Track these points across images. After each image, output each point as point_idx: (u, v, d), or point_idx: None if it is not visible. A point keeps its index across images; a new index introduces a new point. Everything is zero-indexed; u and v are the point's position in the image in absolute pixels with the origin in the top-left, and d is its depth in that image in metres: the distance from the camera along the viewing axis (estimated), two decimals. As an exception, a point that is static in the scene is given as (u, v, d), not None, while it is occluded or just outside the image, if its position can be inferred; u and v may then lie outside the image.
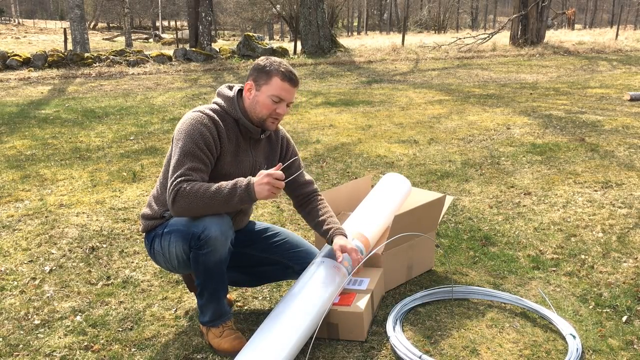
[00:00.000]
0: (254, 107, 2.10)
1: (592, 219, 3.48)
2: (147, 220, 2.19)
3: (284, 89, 2.08)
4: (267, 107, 2.08)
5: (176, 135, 2.06)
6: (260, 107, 2.09)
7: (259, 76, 2.09)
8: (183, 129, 2.04)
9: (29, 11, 62.41)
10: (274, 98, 2.07)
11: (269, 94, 2.07)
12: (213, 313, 2.13)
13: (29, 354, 2.17)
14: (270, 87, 2.07)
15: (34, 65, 12.52)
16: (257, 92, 2.09)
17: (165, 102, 8.38)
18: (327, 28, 16.21)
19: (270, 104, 2.08)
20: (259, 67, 2.10)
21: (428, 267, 2.80)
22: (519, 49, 16.32)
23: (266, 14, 37.19)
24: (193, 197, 1.92)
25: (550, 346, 2.16)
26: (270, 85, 2.07)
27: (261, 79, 2.09)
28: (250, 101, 2.11)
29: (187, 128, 2.03)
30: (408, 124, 6.48)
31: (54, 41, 27.01)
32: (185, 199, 1.93)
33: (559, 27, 32.80)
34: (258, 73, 2.10)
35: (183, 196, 1.93)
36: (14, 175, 4.61)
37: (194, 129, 2.02)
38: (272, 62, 2.10)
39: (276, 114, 2.10)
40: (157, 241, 2.13)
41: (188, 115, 2.07)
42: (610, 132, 5.81)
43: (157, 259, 2.19)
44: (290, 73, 2.09)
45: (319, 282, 2.13)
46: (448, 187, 4.16)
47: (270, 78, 2.07)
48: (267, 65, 2.09)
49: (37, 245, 3.19)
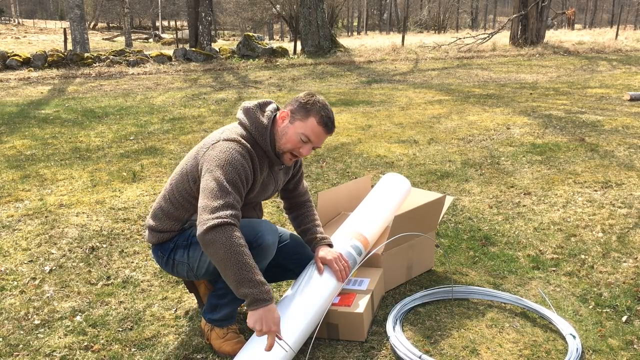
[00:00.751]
0: (281, 137, 2.04)
1: (592, 219, 3.48)
2: (160, 233, 2.12)
3: (316, 133, 2.02)
4: (293, 142, 2.02)
5: (214, 162, 1.92)
6: (286, 139, 2.02)
7: (297, 110, 2.03)
8: (223, 158, 1.92)
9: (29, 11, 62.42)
10: (302, 137, 2.01)
11: (300, 131, 2.01)
12: (225, 314, 2.12)
13: (29, 354, 2.17)
14: (304, 125, 2.01)
15: (33, 65, 12.52)
16: (290, 125, 2.03)
17: (165, 102, 8.38)
18: (327, 28, 16.22)
19: (297, 141, 2.01)
20: (301, 101, 2.03)
21: (428, 267, 2.80)
22: (519, 49, 16.32)
23: (266, 14, 37.20)
24: (225, 246, 1.78)
25: (550, 346, 2.16)
26: (305, 123, 2.01)
27: (299, 113, 2.02)
28: (280, 129, 2.04)
29: (228, 157, 1.92)
30: (408, 124, 6.48)
31: (54, 41, 27.01)
32: (218, 241, 1.79)
33: (559, 27, 32.80)
34: (298, 106, 2.03)
35: (218, 237, 1.79)
36: (14, 175, 4.61)
37: (236, 160, 1.92)
38: (316, 101, 2.03)
39: (298, 153, 2.04)
40: (181, 252, 2.08)
41: (226, 145, 1.95)
42: (610, 132, 5.81)
43: (175, 269, 2.13)
44: (329, 120, 2.02)
45: (319, 283, 2.13)
46: (448, 187, 4.16)
47: (307, 116, 2.01)
48: (309, 102, 2.02)
49: (37, 245, 3.19)
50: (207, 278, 2.22)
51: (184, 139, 5.84)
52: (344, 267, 2.18)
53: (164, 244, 2.13)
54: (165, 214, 2.11)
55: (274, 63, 13.68)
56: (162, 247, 2.14)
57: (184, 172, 2.07)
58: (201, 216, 1.84)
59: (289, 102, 2.08)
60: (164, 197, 2.14)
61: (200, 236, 1.82)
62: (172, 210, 2.10)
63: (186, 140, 5.80)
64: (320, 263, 2.17)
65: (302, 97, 2.05)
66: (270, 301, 1.81)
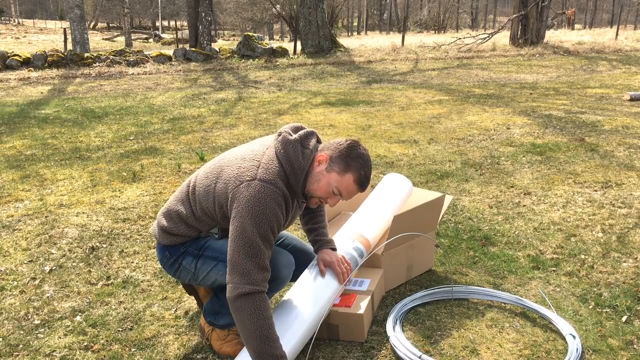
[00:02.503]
0: (313, 182, 1.95)
1: (592, 219, 3.48)
2: (172, 236, 2.07)
3: (349, 190, 1.95)
4: (324, 192, 1.95)
5: (246, 209, 1.83)
6: (318, 187, 1.95)
7: (337, 160, 1.94)
8: (258, 208, 1.83)
9: (29, 11, 62.41)
10: (335, 190, 1.94)
11: (334, 184, 1.93)
12: (229, 320, 2.08)
13: (29, 354, 2.17)
14: (340, 179, 1.93)
15: (33, 65, 12.52)
16: (325, 173, 1.94)
17: (165, 102, 8.38)
18: (327, 28, 16.21)
19: (328, 192, 1.95)
20: (343, 151, 1.94)
21: (428, 267, 2.80)
22: (519, 49, 16.31)
23: (266, 14, 37.21)
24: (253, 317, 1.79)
25: (550, 346, 2.16)
26: (341, 177, 1.93)
27: (338, 164, 1.93)
28: (314, 174, 1.96)
29: (263, 207, 1.83)
30: (408, 124, 6.48)
31: (54, 41, 27.00)
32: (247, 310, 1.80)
33: (559, 27, 32.79)
34: (339, 156, 1.94)
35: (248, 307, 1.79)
36: (14, 175, 4.61)
37: (270, 210, 1.84)
38: (359, 156, 1.94)
39: (325, 201, 1.99)
40: (190, 259, 2.06)
41: (261, 189, 1.84)
42: (610, 132, 5.81)
43: (178, 273, 2.12)
44: (365, 179, 1.95)
45: (319, 283, 2.13)
46: (448, 187, 4.16)
47: (346, 172, 1.93)
48: (352, 156, 1.94)
49: (37, 245, 3.19)
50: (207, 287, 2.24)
51: (184, 139, 5.84)
52: (346, 269, 2.18)
53: (175, 247, 2.08)
54: (183, 220, 2.05)
55: (274, 63, 13.68)
56: (171, 248, 2.09)
57: (210, 191, 1.97)
58: (232, 277, 1.82)
59: (331, 144, 1.99)
60: (183, 203, 2.06)
61: (231, 300, 1.82)
62: (192, 220, 2.04)
63: (186, 140, 5.80)
64: (322, 265, 2.17)
65: (345, 147, 1.95)
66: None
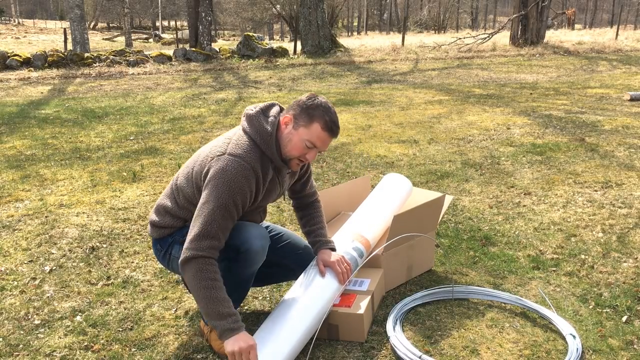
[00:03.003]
0: (286, 144, 1.99)
1: (592, 219, 3.48)
2: (161, 229, 2.15)
3: (321, 139, 1.97)
4: (299, 150, 1.98)
5: (213, 181, 1.90)
6: (292, 147, 1.98)
7: (300, 115, 1.97)
8: (224, 180, 1.89)
9: (29, 11, 62.41)
10: (307, 143, 1.96)
11: (304, 137, 1.96)
12: None
13: (29, 354, 2.17)
14: (308, 131, 1.96)
15: (34, 65, 12.52)
16: (294, 131, 1.98)
17: (165, 102, 8.38)
18: (327, 28, 16.21)
19: (303, 148, 1.97)
20: (303, 106, 1.98)
21: (428, 267, 2.80)
22: (519, 49, 16.31)
23: (266, 14, 37.21)
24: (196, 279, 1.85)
25: (550, 346, 2.16)
26: (309, 130, 1.96)
27: (302, 119, 1.97)
28: (284, 136, 2.00)
29: (228, 179, 1.89)
30: (408, 124, 6.48)
31: (54, 41, 27.00)
32: (190, 273, 1.87)
33: (559, 27, 32.78)
34: (300, 111, 1.97)
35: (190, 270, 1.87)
36: (14, 175, 4.61)
37: (236, 183, 1.90)
38: (320, 105, 1.97)
39: (304, 158, 2.01)
40: (177, 247, 2.10)
41: (229, 163, 1.91)
42: (610, 132, 5.81)
43: (171, 264, 2.17)
44: (333, 124, 1.97)
45: (320, 283, 2.13)
46: (448, 187, 4.16)
47: (311, 122, 1.96)
48: (312, 106, 1.97)
49: (37, 245, 3.19)
50: None
51: (184, 139, 5.84)
52: (346, 269, 2.18)
53: (164, 239, 2.16)
54: (168, 212, 2.14)
55: (274, 63, 13.68)
56: (161, 241, 2.17)
57: (190, 176, 2.05)
58: (186, 242, 1.90)
59: (291, 105, 2.03)
60: (168, 196, 2.16)
61: (180, 264, 1.90)
62: (176, 210, 2.12)
63: (186, 140, 5.80)
64: (322, 266, 2.17)
65: (304, 100, 1.99)
66: (239, 329, 1.83)
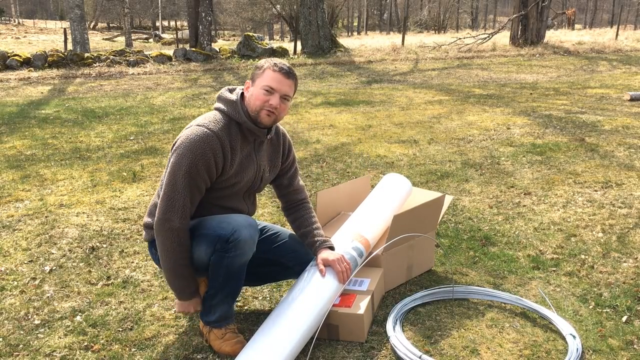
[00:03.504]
0: (250, 102, 2.12)
1: (592, 219, 3.48)
2: (152, 230, 2.15)
3: (275, 79, 2.09)
4: (260, 98, 2.09)
5: (177, 150, 2.02)
6: (254, 99, 2.10)
7: (255, 73, 2.15)
8: (186, 146, 2.00)
9: (29, 11, 62.41)
10: (265, 88, 2.08)
11: (261, 84, 2.09)
12: (221, 314, 2.13)
13: (29, 354, 2.17)
14: (262, 78, 2.10)
15: (34, 65, 12.52)
16: (252, 88, 2.13)
17: (165, 102, 8.38)
18: (327, 28, 16.21)
19: (263, 95, 2.08)
20: (256, 66, 2.16)
21: (428, 267, 2.80)
22: (519, 49, 16.31)
23: (266, 14, 37.21)
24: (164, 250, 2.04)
25: (550, 346, 2.16)
26: (262, 77, 2.10)
27: (256, 75, 2.13)
28: (247, 99, 2.14)
29: (190, 146, 2.00)
30: (408, 124, 6.48)
31: (54, 41, 27.00)
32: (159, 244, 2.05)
33: (559, 27, 32.79)
34: (255, 70, 2.15)
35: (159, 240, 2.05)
36: (14, 175, 4.61)
37: (198, 149, 2.00)
38: (268, 59, 2.17)
39: (269, 106, 2.09)
40: None
41: (193, 131, 2.03)
42: (610, 132, 5.81)
43: None
44: (282, 64, 2.12)
45: (320, 283, 2.13)
46: (448, 187, 4.16)
47: (263, 71, 2.11)
48: (263, 62, 2.15)
49: (37, 245, 3.19)
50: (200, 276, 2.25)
51: (184, 139, 5.83)
52: (346, 268, 2.18)
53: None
54: None
55: (274, 63, 13.66)
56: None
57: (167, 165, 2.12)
58: (157, 211, 2.05)
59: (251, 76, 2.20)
60: (157, 194, 2.19)
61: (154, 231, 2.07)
62: None
63: (186, 140, 5.80)
64: (322, 265, 2.17)
65: (256, 63, 2.19)
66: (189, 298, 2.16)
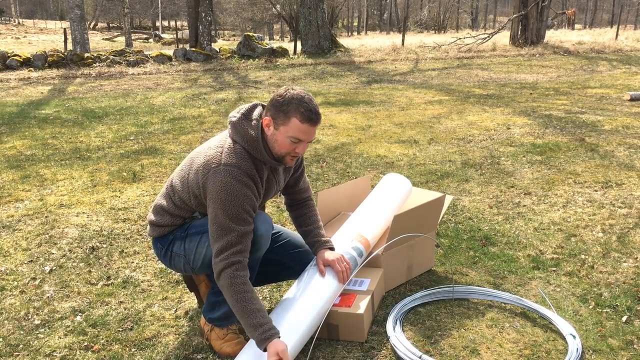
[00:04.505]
0: (273, 145, 2.00)
1: (592, 219, 3.48)
2: (162, 227, 2.15)
3: (303, 131, 1.94)
4: (286, 147, 1.97)
5: (217, 196, 1.91)
6: (279, 146, 1.98)
7: (277, 114, 1.95)
8: (225, 194, 1.91)
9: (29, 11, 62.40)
10: (292, 139, 1.95)
11: (287, 135, 1.94)
12: (225, 312, 2.12)
13: (29, 354, 2.17)
14: (288, 128, 1.93)
15: (34, 66, 12.52)
16: (276, 131, 1.97)
17: (165, 102, 8.38)
18: (327, 28, 16.21)
19: (289, 145, 1.96)
20: (277, 104, 1.94)
21: (428, 267, 2.80)
22: (519, 49, 16.31)
23: (266, 14, 37.20)
24: (229, 293, 1.91)
25: (550, 346, 2.16)
26: (288, 126, 1.93)
27: (279, 117, 1.94)
28: (269, 138, 2.00)
29: (230, 191, 1.91)
30: (408, 124, 6.48)
31: (54, 41, 27.00)
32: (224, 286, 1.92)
33: (559, 27, 32.78)
34: (276, 110, 1.95)
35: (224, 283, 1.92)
36: (14, 175, 4.61)
37: (238, 193, 1.92)
38: (292, 98, 1.93)
39: (295, 153, 2.00)
40: (179, 243, 2.11)
41: (226, 174, 1.91)
42: (610, 132, 5.81)
43: (173, 262, 2.16)
44: (309, 113, 1.92)
45: (320, 283, 2.13)
46: (448, 187, 4.16)
47: (288, 119, 1.92)
48: (285, 102, 1.93)
49: (37, 245, 3.19)
50: (205, 272, 2.21)
51: (184, 139, 5.84)
52: (346, 268, 2.18)
53: (164, 237, 2.16)
54: (166, 212, 2.14)
55: (274, 63, 13.68)
56: (161, 239, 2.17)
57: (185, 181, 2.07)
58: (213, 258, 1.95)
59: (269, 103, 2.00)
60: (164, 196, 2.17)
61: (216, 279, 1.96)
62: (174, 209, 2.13)
63: (186, 140, 5.80)
64: (322, 265, 2.17)
65: (277, 97, 1.95)
66: (272, 337, 1.85)
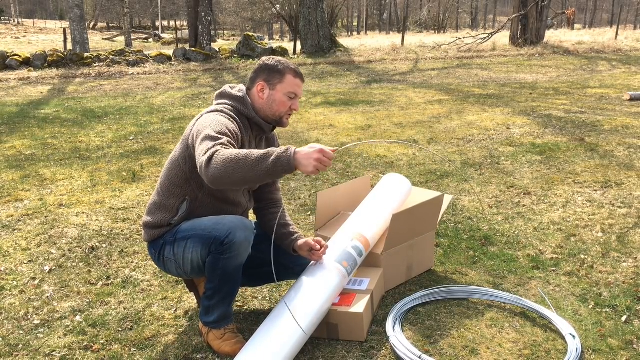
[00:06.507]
0: (271, 106, 2.14)
1: (592, 219, 3.48)
2: (152, 229, 2.17)
3: (297, 85, 2.16)
4: (284, 104, 2.15)
5: (201, 126, 1.98)
6: (278, 105, 2.14)
7: (271, 75, 2.14)
8: (207, 121, 2.00)
9: (29, 11, 62.39)
10: (290, 95, 2.14)
11: (285, 91, 2.13)
12: (219, 315, 2.13)
13: (29, 354, 2.17)
14: (285, 84, 2.13)
15: (33, 65, 12.52)
16: (272, 92, 2.14)
17: (165, 102, 8.38)
18: (327, 28, 16.21)
19: (287, 101, 2.15)
20: (269, 67, 2.14)
21: (428, 267, 2.80)
22: (519, 48, 16.31)
23: (266, 14, 37.18)
24: (230, 160, 1.74)
25: (550, 346, 2.17)
26: (284, 83, 2.13)
27: (274, 78, 2.14)
28: (265, 101, 2.15)
29: (212, 119, 2.00)
30: (408, 124, 6.48)
31: (54, 41, 26.99)
32: (222, 162, 1.75)
33: (559, 27, 32.78)
34: (270, 72, 2.14)
35: (219, 159, 1.75)
36: (14, 175, 4.61)
37: (220, 120, 2.01)
38: (280, 60, 2.16)
39: (291, 110, 2.18)
40: (169, 248, 2.12)
41: (211, 114, 2.05)
42: (610, 132, 5.81)
43: (166, 266, 2.18)
44: (297, 69, 2.18)
45: (319, 283, 2.13)
46: (448, 187, 4.16)
47: (283, 76, 2.13)
48: (277, 64, 2.15)
49: (37, 245, 3.19)
50: (197, 276, 2.21)
51: (184, 139, 5.84)
52: (322, 246, 2.25)
53: (156, 241, 2.18)
54: (157, 207, 2.17)
55: (273, 63, 13.66)
56: (154, 244, 2.19)
57: (174, 158, 2.15)
58: (198, 160, 1.84)
59: (254, 75, 2.17)
60: (155, 192, 2.22)
61: (204, 175, 1.79)
62: (164, 200, 2.15)
63: (186, 140, 5.80)
64: (312, 245, 2.22)
65: (267, 63, 2.15)
66: (289, 149, 1.75)
